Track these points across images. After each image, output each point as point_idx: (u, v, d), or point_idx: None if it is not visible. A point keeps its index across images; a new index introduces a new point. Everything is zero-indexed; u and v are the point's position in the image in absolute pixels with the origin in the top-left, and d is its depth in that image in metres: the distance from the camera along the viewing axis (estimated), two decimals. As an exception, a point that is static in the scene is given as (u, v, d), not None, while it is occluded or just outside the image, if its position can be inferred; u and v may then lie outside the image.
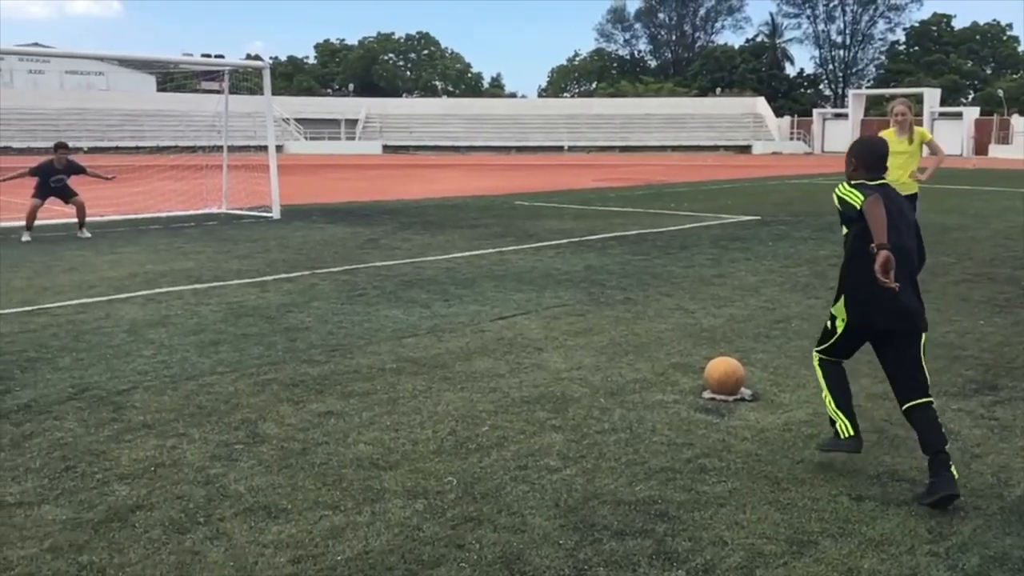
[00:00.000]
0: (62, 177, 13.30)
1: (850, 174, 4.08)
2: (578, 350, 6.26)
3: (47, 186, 13.19)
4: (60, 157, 13.33)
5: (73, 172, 13.49)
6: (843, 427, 4.06)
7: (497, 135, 69.96)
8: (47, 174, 13.20)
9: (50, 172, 13.22)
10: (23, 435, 4.49)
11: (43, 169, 13.26)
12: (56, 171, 13.25)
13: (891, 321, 3.89)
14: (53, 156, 13.40)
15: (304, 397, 5.17)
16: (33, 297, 8.25)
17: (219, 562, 3.18)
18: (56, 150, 13.45)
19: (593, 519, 3.55)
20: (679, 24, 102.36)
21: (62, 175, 13.30)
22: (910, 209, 4.20)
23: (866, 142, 4.23)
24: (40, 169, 13.28)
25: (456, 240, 12.78)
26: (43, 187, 13.18)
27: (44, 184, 13.18)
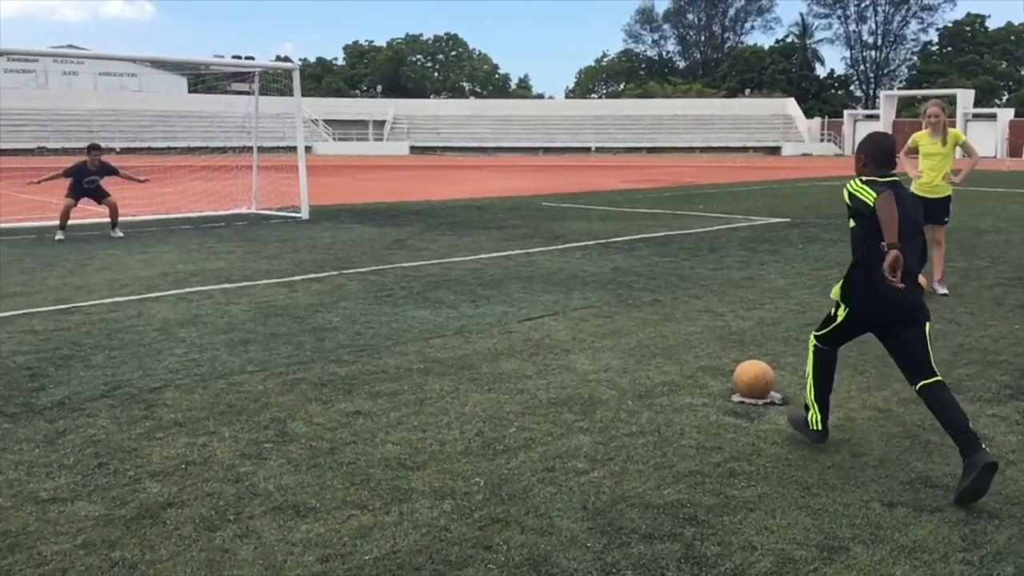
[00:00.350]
0: (95, 178, 13.50)
1: (859, 170, 4.15)
2: (605, 352, 6.24)
3: (80, 187, 13.40)
4: (93, 158, 13.53)
5: (106, 173, 13.68)
6: (814, 419, 4.32)
7: (524, 136, 70.03)
8: (81, 175, 13.41)
9: (84, 173, 13.43)
10: (57, 432, 4.55)
11: (77, 170, 13.47)
12: (89, 172, 13.46)
13: (893, 315, 4.01)
14: (87, 157, 13.60)
15: (332, 397, 5.19)
16: (67, 295, 8.37)
17: (248, 560, 3.21)
18: (89, 151, 13.65)
19: (621, 522, 3.54)
20: (708, 25, 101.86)
21: (95, 176, 13.51)
22: (918, 207, 4.19)
23: (874, 138, 4.25)
24: (74, 170, 13.49)
25: (483, 241, 12.80)
26: (76, 188, 13.38)
27: (77, 185, 13.38)
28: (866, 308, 4.06)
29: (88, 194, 13.51)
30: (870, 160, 4.11)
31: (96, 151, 13.67)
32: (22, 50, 35.93)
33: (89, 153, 13.62)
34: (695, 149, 66.09)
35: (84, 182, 13.40)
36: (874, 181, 4.03)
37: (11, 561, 3.18)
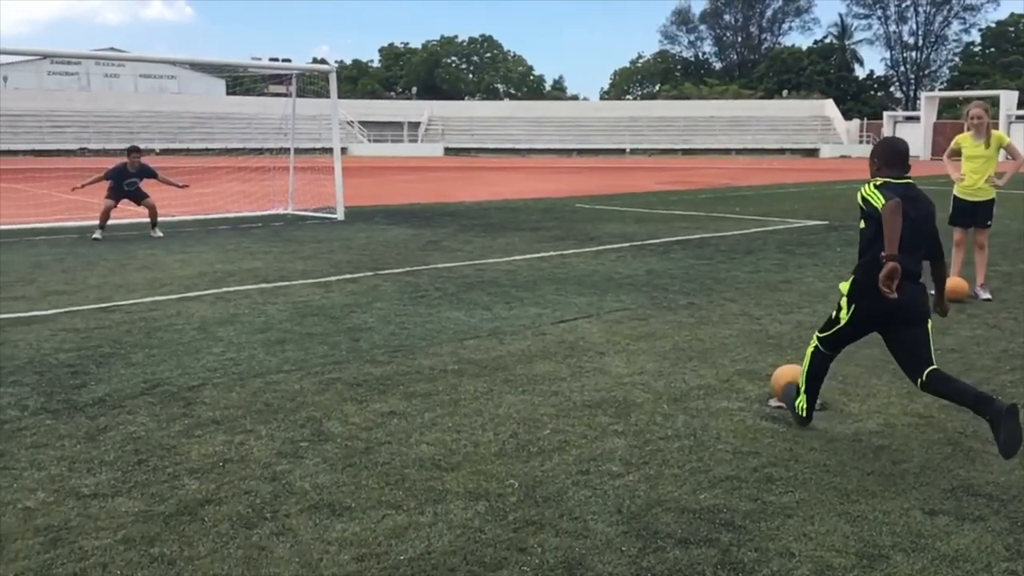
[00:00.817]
0: (135, 180, 13.70)
1: (874, 173, 4.28)
2: (640, 355, 6.20)
3: (121, 188, 13.60)
4: (133, 160, 13.72)
5: (145, 175, 13.86)
6: (801, 406, 4.60)
7: (558, 138, 69.98)
8: (121, 177, 13.61)
9: (124, 175, 13.62)
10: (98, 428, 4.62)
11: (117, 172, 13.67)
12: (129, 174, 13.65)
13: (897, 314, 4.19)
14: (127, 160, 13.81)
15: (367, 397, 5.22)
16: (108, 294, 8.51)
17: (285, 558, 3.23)
18: (129, 154, 13.86)
19: (656, 526, 3.51)
20: (745, 25, 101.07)
21: (135, 178, 13.70)
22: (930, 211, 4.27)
23: (886, 142, 4.42)
24: (114, 172, 13.69)
25: (517, 243, 12.80)
26: (117, 189, 13.58)
27: (118, 186, 13.58)
28: (871, 308, 4.18)
29: (128, 195, 13.72)
30: (883, 163, 4.25)
31: (136, 153, 13.88)
32: (65, 53, 36.69)
33: (129, 155, 13.83)
34: (731, 151, 65.57)
35: (124, 184, 13.61)
36: (888, 183, 4.14)
37: (53, 555, 3.23)
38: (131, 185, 13.67)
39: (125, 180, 13.60)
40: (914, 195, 4.18)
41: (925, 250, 4.28)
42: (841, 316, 4.35)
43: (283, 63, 44.55)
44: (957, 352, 6.32)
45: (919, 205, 4.18)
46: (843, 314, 4.32)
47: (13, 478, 3.95)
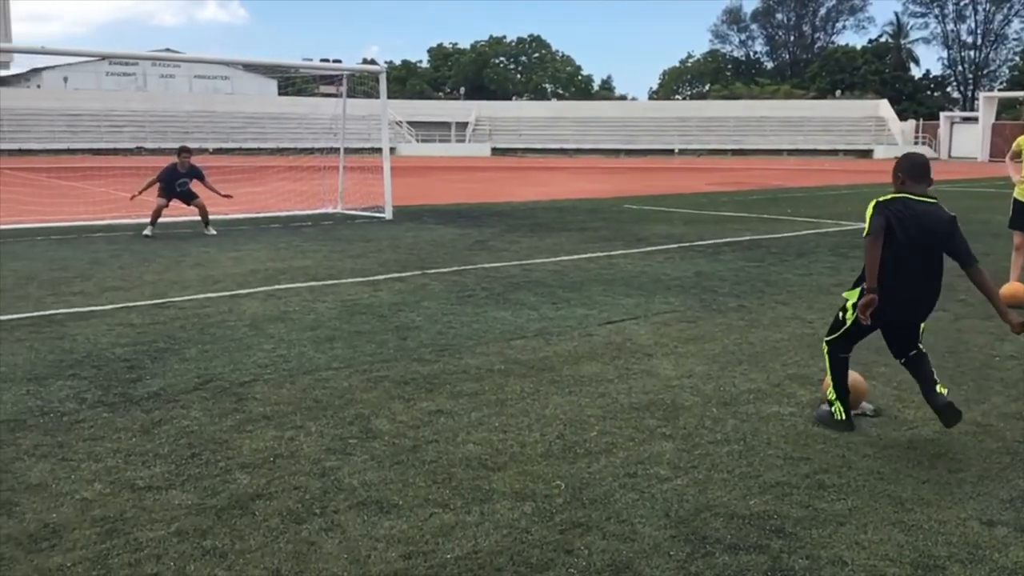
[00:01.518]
0: (186, 180, 13.90)
1: (899, 188, 4.55)
2: (689, 357, 6.14)
3: (172, 188, 13.79)
4: (183, 161, 13.91)
5: (194, 176, 14.04)
6: (838, 410, 4.71)
7: (606, 138, 69.71)
8: (172, 177, 13.81)
9: (175, 175, 13.84)
10: (152, 422, 4.72)
11: (168, 173, 13.87)
12: (180, 174, 13.86)
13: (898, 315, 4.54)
14: (177, 160, 14.02)
15: (415, 395, 5.25)
16: (163, 290, 8.68)
17: (334, 554, 3.26)
18: (180, 154, 14.06)
19: (705, 531, 3.47)
20: (798, 24, 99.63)
21: (185, 178, 13.90)
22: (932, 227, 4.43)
23: (907, 156, 4.70)
24: (165, 173, 13.88)
25: (564, 243, 12.77)
26: (168, 189, 13.78)
27: (169, 187, 13.78)
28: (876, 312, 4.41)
29: (178, 196, 13.93)
30: (907, 177, 4.53)
31: (186, 153, 14.07)
32: (122, 54, 37.54)
33: (179, 155, 14.04)
34: (783, 151, 64.66)
35: (176, 184, 13.82)
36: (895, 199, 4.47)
37: (109, 546, 3.31)
38: (182, 185, 13.89)
39: (176, 180, 13.83)
40: (918, 211, 4.43)
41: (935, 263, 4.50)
42: (847, 318, 4.67)
43: (334, 64, 45.08)
44: (1016, 359, 6.15)
45: (923, 220, 4.41)
46: (848, 316, 4.65)
47: (71, 469, 4.05)
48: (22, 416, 4.78)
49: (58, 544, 3.32)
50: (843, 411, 4.70)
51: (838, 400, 4.72)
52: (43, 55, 40.03)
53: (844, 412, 4.70)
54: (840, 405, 4.71)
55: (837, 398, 4.73)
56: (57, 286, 8.89)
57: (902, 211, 4.43)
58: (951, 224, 4.45)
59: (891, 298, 4.39)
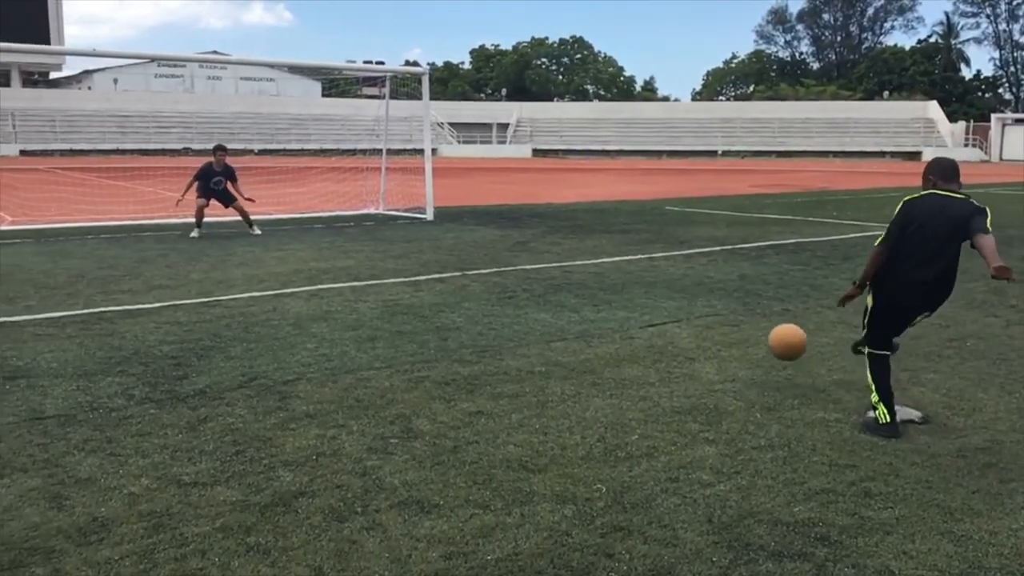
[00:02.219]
0: (220, 179, 13.96)
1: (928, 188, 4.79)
2: (732, 361, 6.08)
3: (208, 187, 13.88)
4: (219, 159, 14.00)
5: (227, 176, 14.09)
6: (882, 414, 4.70)
7: (648, 139, 69.32)
8: (208, 176, 13.92)
9: (210, 174, 13.94)
10: (198, 419, 4.79)
11: (204, 171, 13.98)
12: (215, 172, 13.95)
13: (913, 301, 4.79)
14: (212, 158, 14.15)
15: (455, 396, 5.26)
16: (209, 289, 8.82)
17: (375, 553, 3.28)
18: (215, 152, 14.14)
19: (748, 538, 3.43)
20: (844, 25, 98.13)
21: (220, 176, 13.97)
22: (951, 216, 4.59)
23: (937, 160, 4.94)
24: (201, 172, 13.99)
25: (605, 245, 12.72)
26: (205, 188, 13.87)
27: (205, 185, 13.88)
28: (891, 297, 4.77)
29: (216, 195, 14.01)
30: (938, 179, 4.76)
31: (221, 151, 14.15)
32: (170, 56, 38.19)
33: (215, 154, 14.12)
34: (828, 153, 63.75)
35: (211, 182, 13.90)
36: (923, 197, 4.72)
37: (155, 540, 3.36)
38: (218, 184, 13.95)
39: (212, 178, 13.91)
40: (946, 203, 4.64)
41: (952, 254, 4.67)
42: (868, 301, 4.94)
43: (377, 65, 45.45)
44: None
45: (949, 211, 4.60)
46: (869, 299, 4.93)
47: (119, 464, 4.12)
48: (72, 411, 4.88)
49: (106, 538, 3.38)
50: (887, 414, 4.69)
51: (881, 403, 4.72)
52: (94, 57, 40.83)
53: (888, 415, 4.68)
54: (884, 408, 4.70)
55: (880, 400, 4.73)
56: (106, 284, 9.07)
57: (930, 204, 4.68)
58: (975, 208, 4.60)
59: (909, 286, 4.69)
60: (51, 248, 11.98)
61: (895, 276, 4.74)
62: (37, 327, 6.98)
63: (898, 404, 5.04)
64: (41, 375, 5.59)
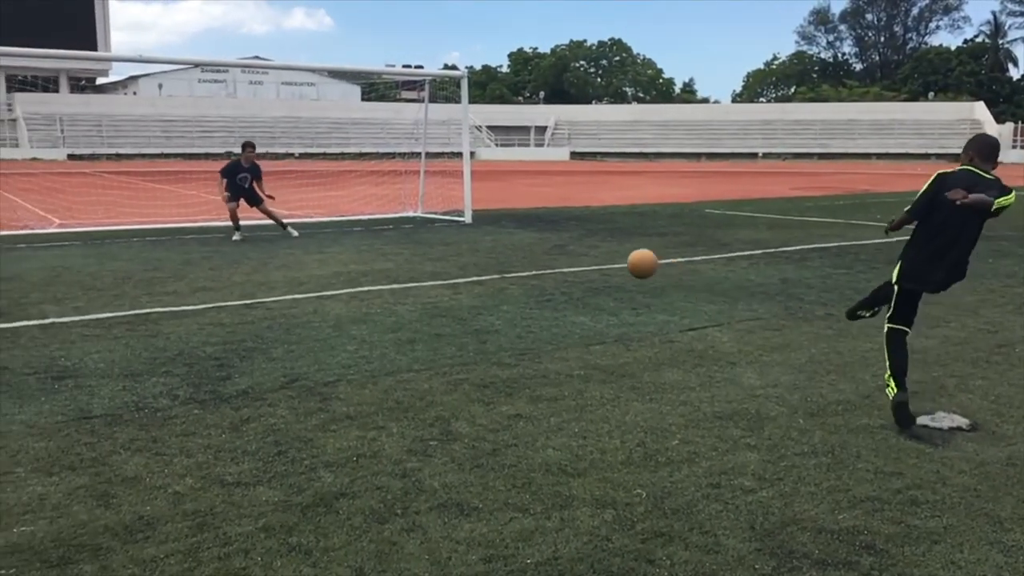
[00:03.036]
0: (247, 175, 13.92)
1: (965, 164, 4.82)
2: (774, 366, 6.00)
3: (235, 184, 13.85)
4: (248, 156, 13.97)
5: (253, 174, 14.04)
6: (891, 389, 4.83)
7: (687, 141, 68.89)
8: (234, 172, 13.91)
9: (237, 169, 13.94)
10: (241, 419, 4.85)
11: (230, 168, 14.02)
12: (243, 169, 13.92)
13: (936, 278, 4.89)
14: (241, 155, 14.13)
15: (494, 399, 5.26)
16: (251, 291, 8.93)
17: (415, 554, 3.29)
18: (244, 148, 14.12)
19: (792, 545, 3.38)
20: (888, 25, 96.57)
21: (246, 173, 13.93)
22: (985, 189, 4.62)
23: (980, 136, 5.00)
24: (228, 168, 14.03)
25: (644, 248, 12.62)
26: (232, 186, 13.84)
27: (232, 182, 13.86)
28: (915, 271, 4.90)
29: (242, 193, 13.96)
30: (976, 155, 4.80)
31: (250, 148, 14.14)
32: (213, 61, 38.81)
33: (244, 150, 14.13)
34: (871, 155, 62.79)
35: (237, 178, 13.89)
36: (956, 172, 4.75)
37: (200, 539, 3.41)
38: (243, 180, 13.90)
39: (238, 174, 13.89)
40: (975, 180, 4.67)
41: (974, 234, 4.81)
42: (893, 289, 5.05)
43: (416, 69, 45.69)
44: None
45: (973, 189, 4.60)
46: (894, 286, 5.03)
47: (164, 463, 4.19)
48: (119, 411, 4.97)
49: (152, 536, 3.43)
50: (896, 387, 4.79)
51: (892, 377, 4.83)
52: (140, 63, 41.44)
53: (897, 387, 4.78)
54: (894, 383, 4.81)
55: (892, 375, 4.84)
56: (152, 286, 9.23)
57: (963, 180, 4.68)
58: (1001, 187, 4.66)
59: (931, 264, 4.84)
60: (98, 250, 12.21)
61: (921, 250, 4.87)
62: (85, 328, 7.13)
63: (945, 411, 4.95)
64: (89, 375, 5.70)
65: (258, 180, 14.12)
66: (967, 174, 4.74)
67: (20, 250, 12.17)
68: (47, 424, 4.73)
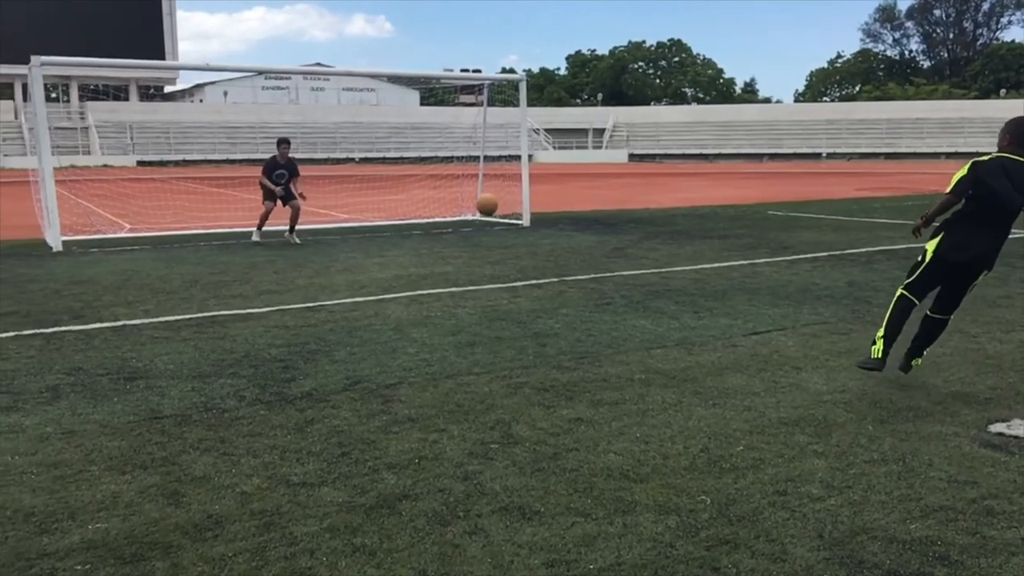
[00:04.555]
0: (284, 172, 14.02)
1: (1002, 148, 4.96)
2: (841, 371, 5.87)
3: (271, 181, 13.94)
4: (283, 153, 14.04)
5: (290, 171, 14.13)
6: (876, 349, 5.23)
7: (748, 142, 67.97)
8: (272, 169, 14.03)
9: (274, 166, 14.06)
10: (305, 420, 4.92)
11: (268, 165, 14.14)
12: (279, 165, 14.04)
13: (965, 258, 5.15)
14: (277, 152, 14.16)
15: (554, 402, 5.24)
16: (314, 294, 9.07)
17: (477, 557, 3.29)
18: (279, 145, 14.17)
19: (862, 555, 3.29)
20: (958, 21, 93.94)
21: (283, 170, 14.04)
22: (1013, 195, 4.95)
23: (1019, 119, 5.04)
24: (266, 165, 14.16)
25: (705, 250, 12.50)
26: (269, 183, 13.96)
27: (269, 179, 13.94)
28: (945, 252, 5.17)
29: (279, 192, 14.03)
30: (1013, 139, 4.93)
31: (286, 145, 14.21)
32: (276, 69, 39.52)
33: (279, 147, 14.20)
34: (940, 155, 61.11)
35: (274, 175, 14.03)
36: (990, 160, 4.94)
37: (266, 539, 3.46)
38: (280, 177, 13.99)
39: (275, 171, 14.02)
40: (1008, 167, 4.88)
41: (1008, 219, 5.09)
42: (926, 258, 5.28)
43: (474, 74, 45.96)
44: None
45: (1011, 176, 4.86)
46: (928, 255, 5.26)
47: (232, 463, 4.27)
48: (188, 411, 5.09)
49: (220, 535, 3.50)
50: (880, 351, 5.16)
51: (883, 339, 5.20)
52: (206, 71, 42.53)
53: (881, 352, 5.16)
54: (881, 345, 5.18)
55: (883, 336, 5.23)
56: (218, 289, 9.43)
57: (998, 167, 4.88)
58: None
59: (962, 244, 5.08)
60: (166, 254, 12.54)
61: (954, 233, 5.14)
62: (155, 330, 7.32)
63: (1022, 419, 4.78)
64: (159, 376, 5.85)
65: (295, 178, 14.19)
66: (1002, 162, 4.85)
67: (93, 254, 12.57)
68: (120, 424, 4.86)
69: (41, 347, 6.69)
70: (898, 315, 5.29)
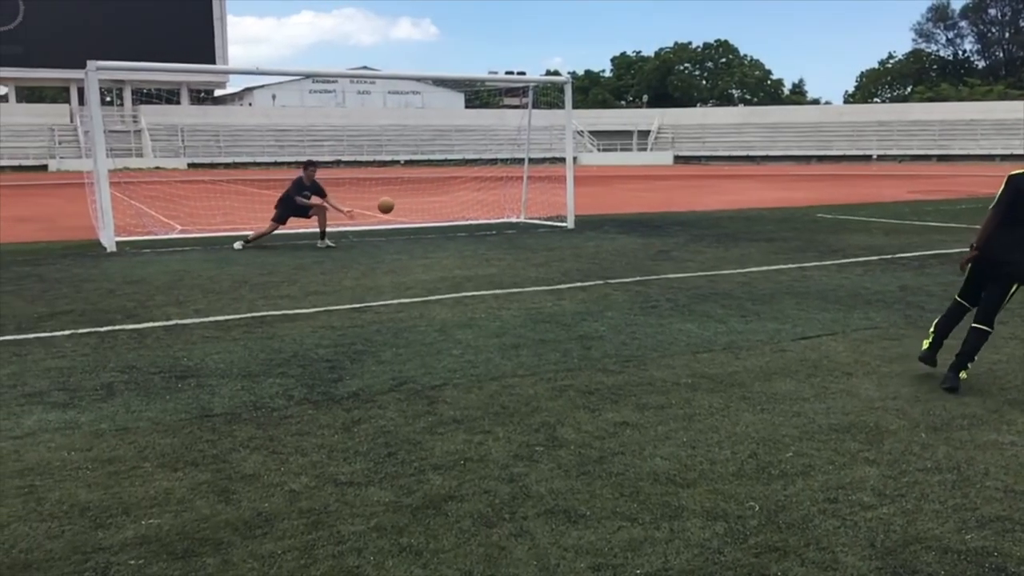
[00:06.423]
0: (308, 193, 14.07)
1: None
2: (893, 378, 5.76)
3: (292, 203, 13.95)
4: (309, 175, 14.12)
5: (316, 192, 14.21)
6: (925, 343, 5.78)
7: (797, 144, 67.03)
8: (298, 189, 14.06)
9: (300, 188, 14.10)
10: (352, 420, 4.96)
11: (295, 184, 14.16)
12: (305, 187, 14.10)
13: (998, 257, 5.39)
14: (303, 173, 14.20)
15: (600, 405, 5.22)
16: (360, 296, 9.15)
17: (523, 560, 3.29)
18: (306, 167, 14.25)
19: (915, 565, 3.22)
20: (1014, 20, 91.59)
21: (308, 191, 14.10)
22: None
23: None
24: (293, 185, 14.19)
25: (752, 253, 12.35)
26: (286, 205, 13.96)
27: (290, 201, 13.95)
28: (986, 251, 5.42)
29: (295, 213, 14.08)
30: None
31: (312, 167, 14.29)
32: (324, 72, 39.92)
33: (305, 169, 14.27)
34: (995, 157, 59.64)
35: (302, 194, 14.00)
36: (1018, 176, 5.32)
37: (315, 537, 3.50)
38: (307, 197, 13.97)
39: (302, 191, 14.03)
40: None
41: None
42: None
43: (519, 76, 46.00)
44: None
45: None
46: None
47: (281, 462, 4.33)
48: (237, 410, 5.17)
49: (269, 532, 3.54)
50: (929, 344, 5.73)
51: (933, 335, 5.73)
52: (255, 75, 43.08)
53: (929, 345, 5.73)
54: (930, 340, 5.73)
55: (933, 332, 5.74)
56: (267, 289, 9.57)
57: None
58: None
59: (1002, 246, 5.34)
60: (216, 255, 12.75)
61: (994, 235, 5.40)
62: (205, 329, 7.44)
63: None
64: (209, 375, 5.95)
65: (324, 198, 14.23)
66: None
67: (145, 255, 12.83)
68: (171, 421, 4.96)
69: (96, 345, 6.85)
70: (949, 318, 5.73)
